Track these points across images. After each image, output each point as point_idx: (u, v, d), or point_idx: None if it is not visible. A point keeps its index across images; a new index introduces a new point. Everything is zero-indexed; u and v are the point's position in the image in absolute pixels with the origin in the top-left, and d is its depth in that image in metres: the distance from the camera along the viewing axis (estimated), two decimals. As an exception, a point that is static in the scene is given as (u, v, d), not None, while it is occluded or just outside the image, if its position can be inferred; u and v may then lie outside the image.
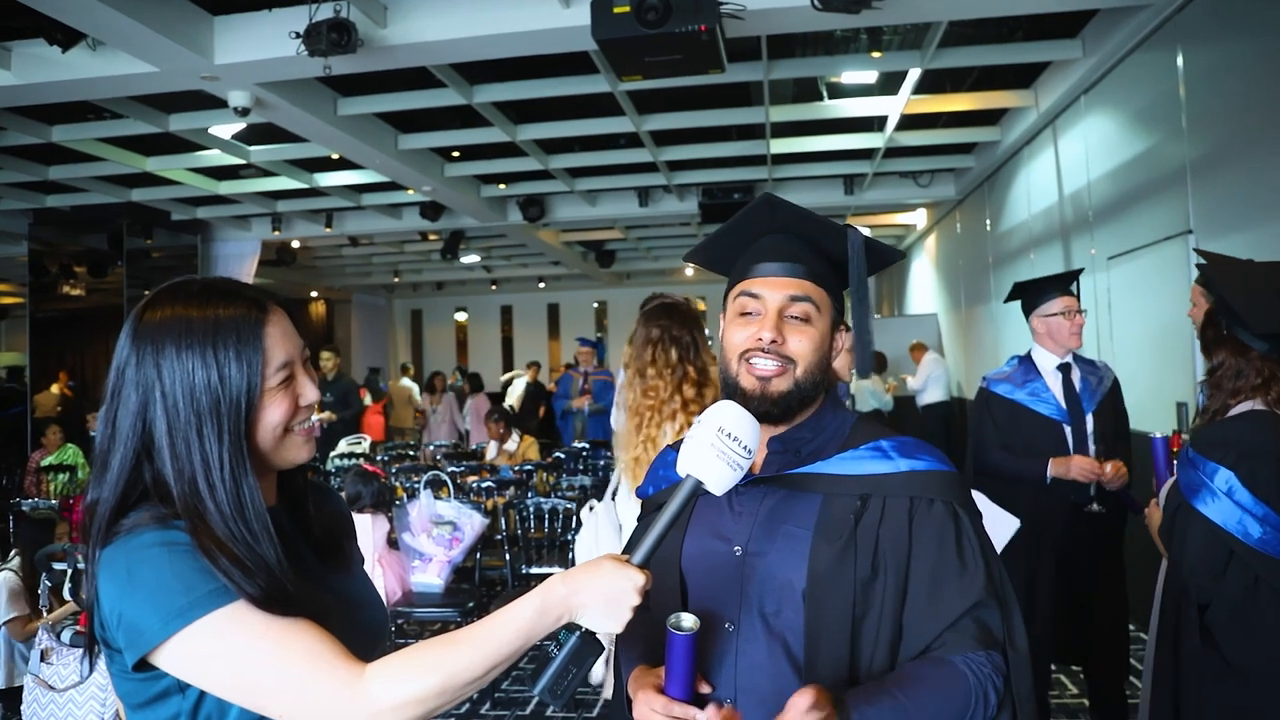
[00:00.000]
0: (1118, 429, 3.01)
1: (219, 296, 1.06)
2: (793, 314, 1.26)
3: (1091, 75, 5.17)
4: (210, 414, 1.03)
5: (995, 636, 1.18)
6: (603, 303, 17.23)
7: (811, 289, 1.27)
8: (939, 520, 1.21)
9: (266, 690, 0.97)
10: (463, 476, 5.99)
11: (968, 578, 1.19)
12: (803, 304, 1.26)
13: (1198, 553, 1.93)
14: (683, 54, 3.78)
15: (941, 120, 6.95)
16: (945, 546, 1.20)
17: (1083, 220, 5.57)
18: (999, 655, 1.17)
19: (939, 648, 1.17)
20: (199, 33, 4.46)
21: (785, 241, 1.30)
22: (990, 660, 1.16)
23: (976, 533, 1.23)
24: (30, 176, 7.50)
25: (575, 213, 9.40)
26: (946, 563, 1.19)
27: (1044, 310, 3.02)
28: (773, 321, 1.25)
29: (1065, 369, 3.03)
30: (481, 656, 1.00)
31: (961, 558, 1.20)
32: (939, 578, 1.19)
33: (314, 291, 16.08)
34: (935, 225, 10.15)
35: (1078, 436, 2.94)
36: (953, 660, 1.15)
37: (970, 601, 1.18)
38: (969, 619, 1.17)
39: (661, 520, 1.11)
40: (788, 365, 1.25)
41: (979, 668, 1.14)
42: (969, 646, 1.16)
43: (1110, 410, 3.02)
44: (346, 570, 1.23)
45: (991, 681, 1.14)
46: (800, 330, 1.26)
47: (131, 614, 0.96)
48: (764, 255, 1.30)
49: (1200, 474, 1.95)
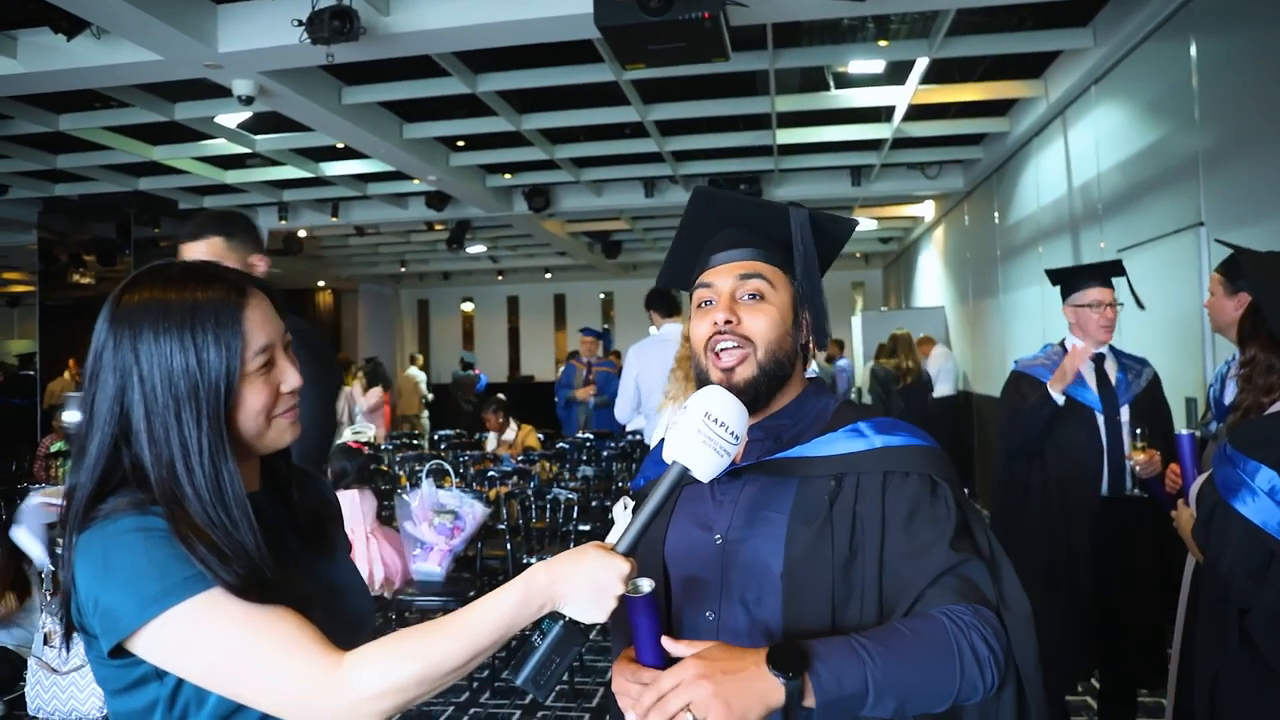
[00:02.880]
0: (1154, 427, 2.90)
1: (197, 279, 1.05)
2: (745, 293, 1.25)
3: (1102, 65, 5.11)
4: (188, 398, 1.01)
5: (983, 594, 1.12)
6: (609, 294, 17.21)
7: (762, 267, 1.27)
8: (913, 489, 1.18)
9: (243, 678, 0.96)
10: (466, 466, 5.99)
11: (946, 538, 1.14)
12: (754, 281, 1.25)
13: (1236, 554, 1.84)
14: (686, 41, 3.74)
15: (950, 111, 6.89)
16: (919, 512, 1.16)
17: (1092, 212, 5.51)
18: (988, 611, 1.10)
19: (918, 607, 1.11)
20: (202, 20, 4.44)
21: (733, 232, 1.30)
22: (975, 612, 1.08)
23: (957, 499, 1.19)
24: (39, 165, 7.52)
25: (581, 203, 9.37)
26: (919, 526, 1.15)
27: (1076, 300, 2.99)
28: (725, 303, 1.25)
29: (1099, 359, 2.98)
30: (462, 646, 0.98)
31: (935, 518, 1.16)
32: (915, 541, 1.14)
33: (321, 281, 16.10)
34: (943, 218, 10.09)
35: (1111, 427, 2.89)
36: (930, 613, 1.09)
37: (950, 562, 1.12)
38: (950, 577, 1.12)
39: (647, 508, 1.09)
40: (748, 348, 1.23)
41: (960, 617, 1.07)
42: (950, 600, 1.09)
43: (1148, 406, 2.96)
44: (331, 556, 1.22)
45: (978, 631, 1.06)
46: (755, 309, 1.25)
47: (107, 600, 0.95)
48: (712, 247, 1.30)
49: (1240, 472, 1.86)
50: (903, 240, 12.99)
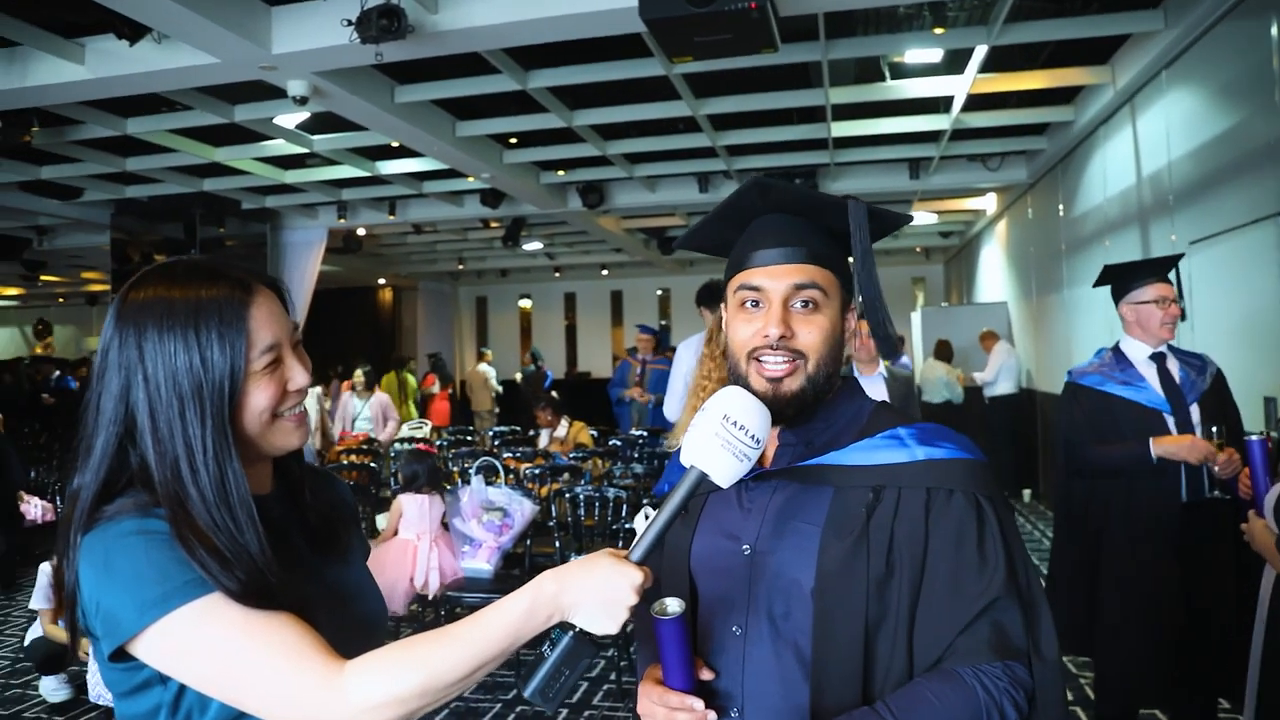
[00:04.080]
0: (1227, 424, 2.71)
1: (203, 277, 1.03)
2: (799, 302, 1.17)
3: (1174, 48, 4.88)
4: (193, 397, 1.00)
5: (1014, 643, 1.06)
6: (666, 290, 17.16)
7: (816, 273, 1.18)
8: (958, 513, 1.10)
9: (242, 685, 0.94)
10: (518, 463, 6.01)
11: (987, 574, 1.07)
12: (809, 291, 1.17)
13: None
14: (733, 33, 3.67)
15: (1012, 100, 6.67)
16: (965, 541, 1.09)
17: (1162, 203, 5.28)
18: (1021, 666, 1.05)
19: (949, 657, 1.06)
20: (256, 23, 4.52)
21: (782, 224, 1.21)
22: (1009, 673, 1.04)
23: (1002, 526, 1.11)
24: (109, 168, 7.77)
25: (635, 199, 9.34)
26: (965, 559, 1.08)
27: (1135, 297, 2.82)
28: (778, 315, 1.16)
29: (1159, 358, 2.82)
30: (466, 656, 0.95)
31: (982, 552, 1.09)
32: (957, 576, 1.07)
33: (381, 279, 16.38)
34: (1005, 211, 9.80)
35: (1182, 428, 2.71)
36: (961, 673, 1.04)
37: (987, 600, 1.06)
38: (984, 621, 1.06)
39: (662, 515, 1.05)
40: (798, 361, 1.16)
41: (994, 681, 1.03)
42: (983, 655, 1.04)
43: (1216, 404, 2.78)
44: (343, 560, 1.20)
45: (1009, 696, 1.02)
46: (809, 320, 1.17)
47: (108, 603, 0.94)
48: (761, 241, 1.20)
49: None
50: (964, 234, 12.67)
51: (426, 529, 4.46)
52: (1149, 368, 2.81)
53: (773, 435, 1.22)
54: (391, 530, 4.46)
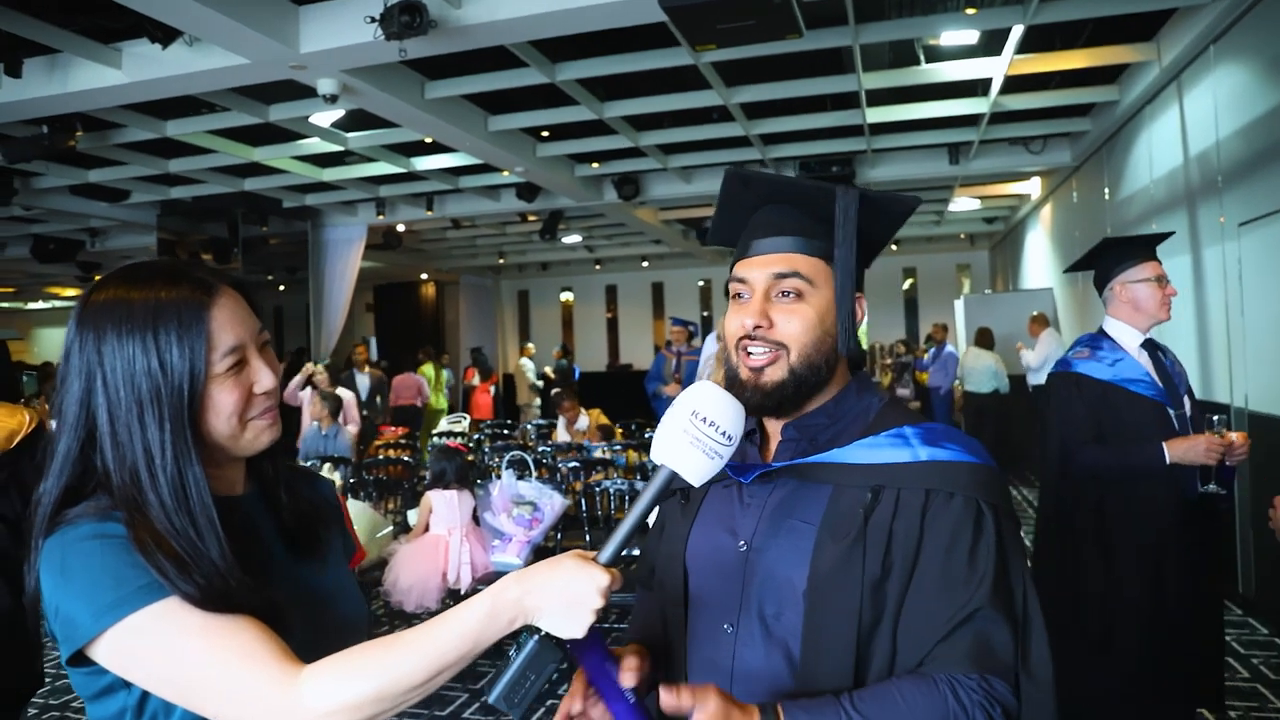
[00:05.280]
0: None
1: (163, 279, 1.02)
2: (781, 292, 1.14)
3: (1221, 21, 4.69)
4: (151, 401, 0.99)
5: (1000, 657, 1.01)
6: (707, 281, 17.08)
7: (802, 262, 1.14)
8: (956, 516, 1.05)
9: (198, 689, 0.93)
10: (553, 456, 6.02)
11: (974, 582, 1.02)
12: (791, 280, 1.14)
13: None
14: (755, 19, 3.62)
15: (1054, 81, 6.48)
16: (957, 546, 1.04)
17: (1210, 184, 5.09)
18: (1002, 682, 0.99)
19: (928, 663, 1.02)
20: (284, 22, 4.57)
21: (771, 214, 1.18)
22: (985, 686, 0.99)
23: (1000, 535, 1.06)
24: (153, 170, 7.95)
25: (671, 190, 9.29)
26: (955, 565, 1.03)
27: (1128, 276, 2.58)
28: (757, 306, 1.14)
29: (1150, 345, 2.61)
30: (424, 662, 0.93)
31: (973, 559, 1.04)
32: (944, 581, 1.03)
33: (424, 274, 16.55)
34: (1050, 195, 9.54)
35: (1180, 422, 2.53)
36: (935, 678, 0.99)
37: (971, 609, 1.01)
38: (966, 631, 1.01)
39: (630, 516, 1.02)
40: (780, 352, 1.13)
41: (968, 693, 0.98)
42: (960, 665, 0.99)
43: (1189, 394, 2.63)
44: (321, 562, 1.18)
45: (983, 709, 0.97)
46: (790, 310, 1.14)
47: (66, 608, 0.94)
48: (751, 232, 1.19)
49: None
50: (1009, 220, 12.39)
51: (457, 524, 4.48)
52: (1145, 356, 2.60)
53: (775, 430, 1.20)
54: (421, 526, 4.49)
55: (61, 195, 8.85)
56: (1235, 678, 3.78)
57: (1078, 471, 2.54)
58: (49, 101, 5.44)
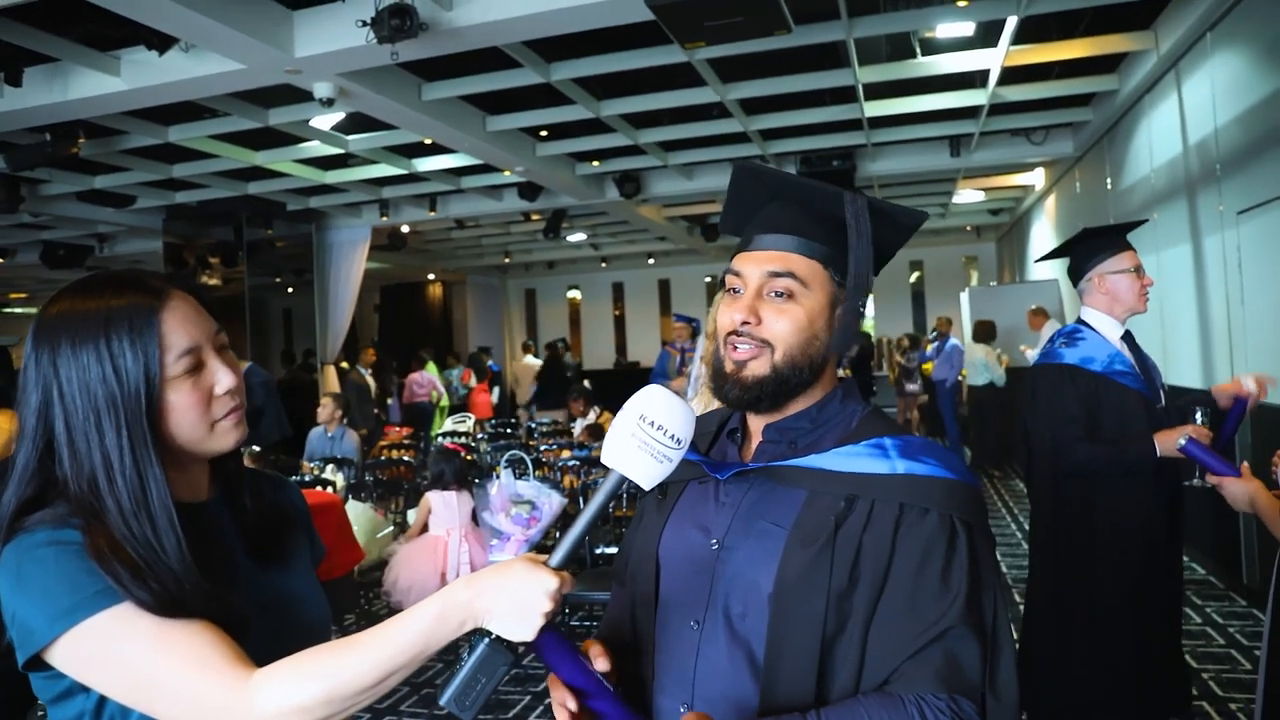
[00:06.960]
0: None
1: (113, 287, 1.04)
2: (773, 291, 1.14)
3: (1218, 8, 4.65)
4: (108, 408, 1.01)
5: (968, 677, 1.00)
6: (714, 277, 17.04)
7: (798, 262, 1.14)
8: (929, 533, 1.05)
9: (150, 694, 0.95)
10: (552, 453, 6.04)
11: (946, 600, 1.02)
12: (784, 280, 1.14)
13: None
14: (742, 15, 3.62)
15: (1054, 71, 6.44)
16: (929, 563, 1.04)
17: (1209, 172, 5.05)
18: (969, 703, 0.99)
19: (895, 680, 1.01)
20: (279, 28, 4.60)
21: (777, 211, 1.18)
22: (954, 707, 0.98)
23: (974, 554, 1.05)
24: (157, 175, 8.01)
25: (672, 187, 9.29)
26: (926, 582, 1.03)
27: (1106, 268, 2.53)
28: (748, 302, 1.14)
29: (1128, 337, 2.57)
30: (372, 665, 0.94)
31: (946, 577, 1.03)
32: (914, 598, 1.03)
33: (430, 274, 16.60)
34: (1054, 185, 9.49)
35: (1169, 412, 2.52)
36: (902, 698, 0.99)
37: (941, 628, 1.01)
38: (936, 649, 1.01)
39: (581, 519, 1.02)
40: (764, 349, 1.14)
41: (935, 713, 0.98)
42: (929, 685, 0.99)
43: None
44: (284, 566, 1.20)
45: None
46: (780, 309, 1.14)
47: (22, 614, 0.95)
48: (755, 226, 1.19)
49: None
50: (1014, 211, 12.33)
51: (456, 524, 4.51)
52: (1123, 347, 2.54)
53: (758, 430, 1.20)
54: (419, 526, 4.52)
55: (68, 202, 8.93)
56: (1238, 669, 3.76)
57: (1069, 469, 2.49)
58: (50, 109, 5.48)
